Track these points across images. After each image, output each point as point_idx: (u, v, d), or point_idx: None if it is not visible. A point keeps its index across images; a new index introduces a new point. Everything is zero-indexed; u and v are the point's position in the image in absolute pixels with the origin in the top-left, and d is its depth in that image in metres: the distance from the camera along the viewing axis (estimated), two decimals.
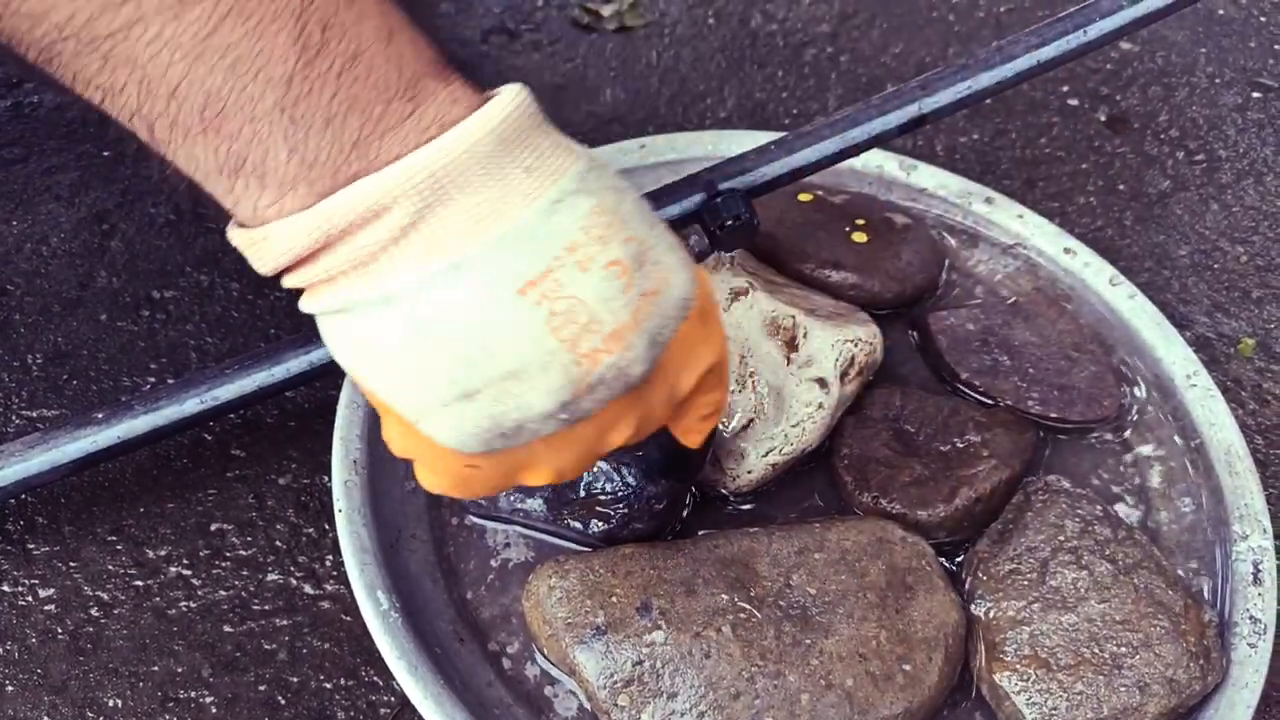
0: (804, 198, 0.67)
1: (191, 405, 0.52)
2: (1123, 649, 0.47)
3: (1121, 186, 0.78)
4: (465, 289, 0.31)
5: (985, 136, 0.80)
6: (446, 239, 0.31)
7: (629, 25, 0.88)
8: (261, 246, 0.32)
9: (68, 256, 0.67)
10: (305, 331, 0.54)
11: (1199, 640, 0.47)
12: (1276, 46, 0.89)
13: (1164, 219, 0.76)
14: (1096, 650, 0.47)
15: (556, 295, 0.32)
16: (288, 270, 0.33)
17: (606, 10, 0.89)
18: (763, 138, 0.67)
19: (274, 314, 0.64)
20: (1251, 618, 0.50)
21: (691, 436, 0.42)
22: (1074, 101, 0.84)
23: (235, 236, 0.33)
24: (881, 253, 0.63)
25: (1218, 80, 0.86)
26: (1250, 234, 0.75)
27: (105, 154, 0.73)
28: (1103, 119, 0.82)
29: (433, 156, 0.30)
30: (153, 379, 0.60)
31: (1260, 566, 0.51)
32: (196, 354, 0.62)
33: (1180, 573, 0.52)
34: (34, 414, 0.58)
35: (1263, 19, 0.90)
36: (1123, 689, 0.46)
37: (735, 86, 0.83)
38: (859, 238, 0.64)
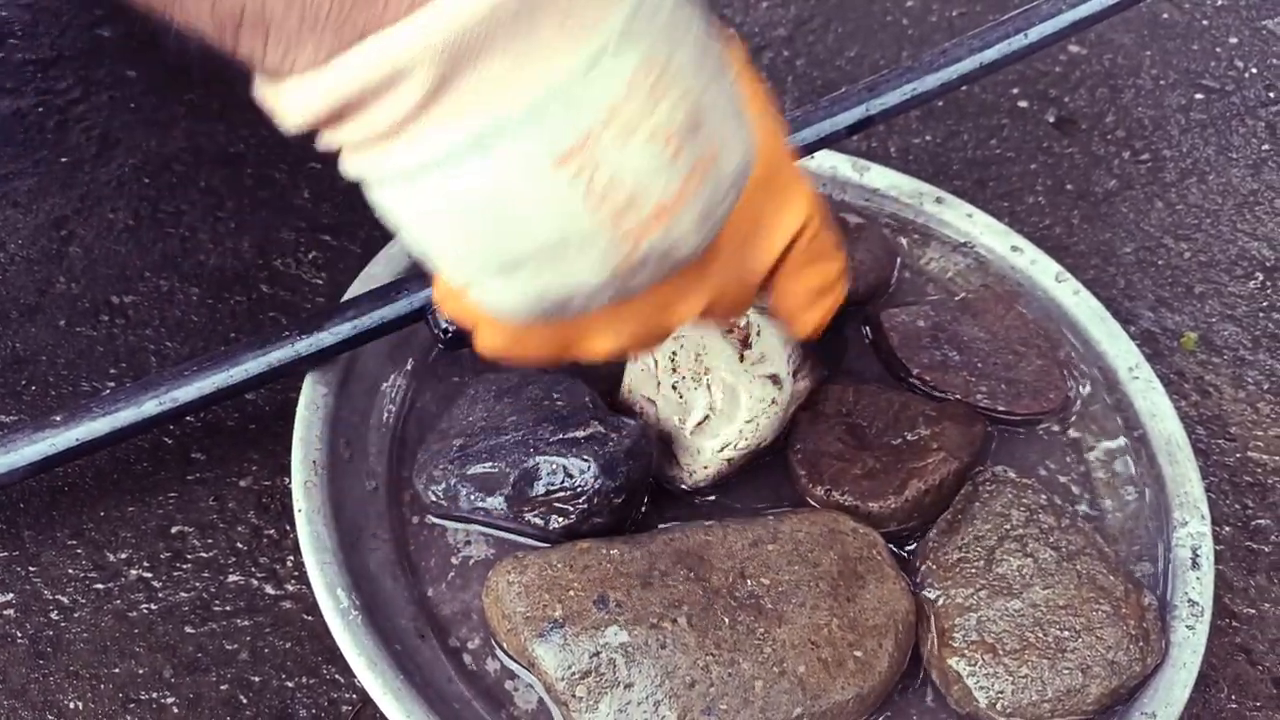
0: None
1: (150, 407, 0.52)
2: (1066, 633, 0.48)
3: (1069, 186, 0.80)
4: (497, 162, 0.28)
5: (938, 138, 0.82)
6: (473, 107, 0.28)
7: None
8: (277, 106, 0.30)
9: (25, 263, 0.66)
10: (264, 333, 0.54)
11: (1139, 623, 0.49)
12: (1219, 49, 0.91)
13: (1110, 217, 0.78)
14: (1041, 635, 0.48)
15: (596, 167, 0.29)
16: (316, 132, 0.30)
17: None
18: None
19: (234, 317, 0.65)
20: (1190, 601, 0.51)
21: (800, 320, 0.39)
22: (1024, 103, 0.86)
23: (258, 91, 0.31)
24: None
25: (1162, 82, 0.88)
26: (1194, 231, 0.77)
27: (63, 160, 0.73)
28: (1051, 120, 0.84)
29: (450, 11, 0.27)
30: (112, 384, 0.61)
31: (1198, 552, 0.53)
32: (156, 358, 0.62)
33: (1122, 559, 0.54)
34: None
35: (1205, 23, 0.93)
36: (1066, 672, 0.47)
37: None
38: None
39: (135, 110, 0.77)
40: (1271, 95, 0.88)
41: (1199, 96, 0.87)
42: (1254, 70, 0.90)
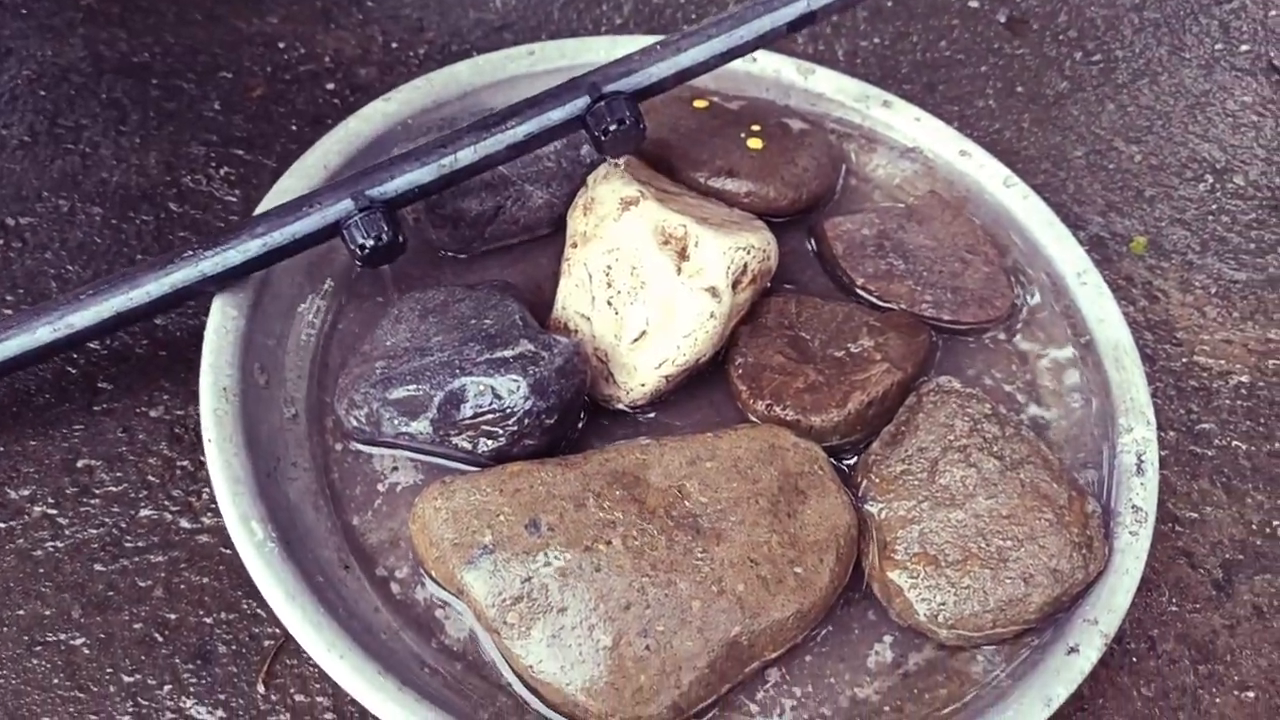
0: (699, 104, 0.65)
1: (44, 334, 0.48)
2: (1008, 543, 0.47)
3: (1020, 89, 0.77)
4: None
5: (886, 40, 0.79)
6: None
7: None
8: None
9: None
10: (167, 253, 0.51)
11: (1082, 531, 0.48)
12: None
13: (1061, 120, 0.76)
14: (983, 545, 0.47)
15: None
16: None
17: None
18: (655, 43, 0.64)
19: (141, 239, 0.61)
20: (1134, 507, 0.51)
21: None
22: (975, 4, 0.82)
23: None
24: (778, 159, 0.62)
25: None
26: (1145, 133, 0.75)
27: None
28: (1002, 21, 0.81)
29: None
30: (9, 311, 0.57)
31: (1143, 457, 0.52)
32: (57, 283, 0.58)
33: (1067, 466, 0.53)
34: None
35: None
36: (1008, 581, 0.47)
37: None
38: (754, 144, 0.62)
39: (27, 17, 0.71)
40: None
41: None
42: None
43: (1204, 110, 0.77)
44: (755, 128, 0.63)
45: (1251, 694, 0.51)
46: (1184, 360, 0.63)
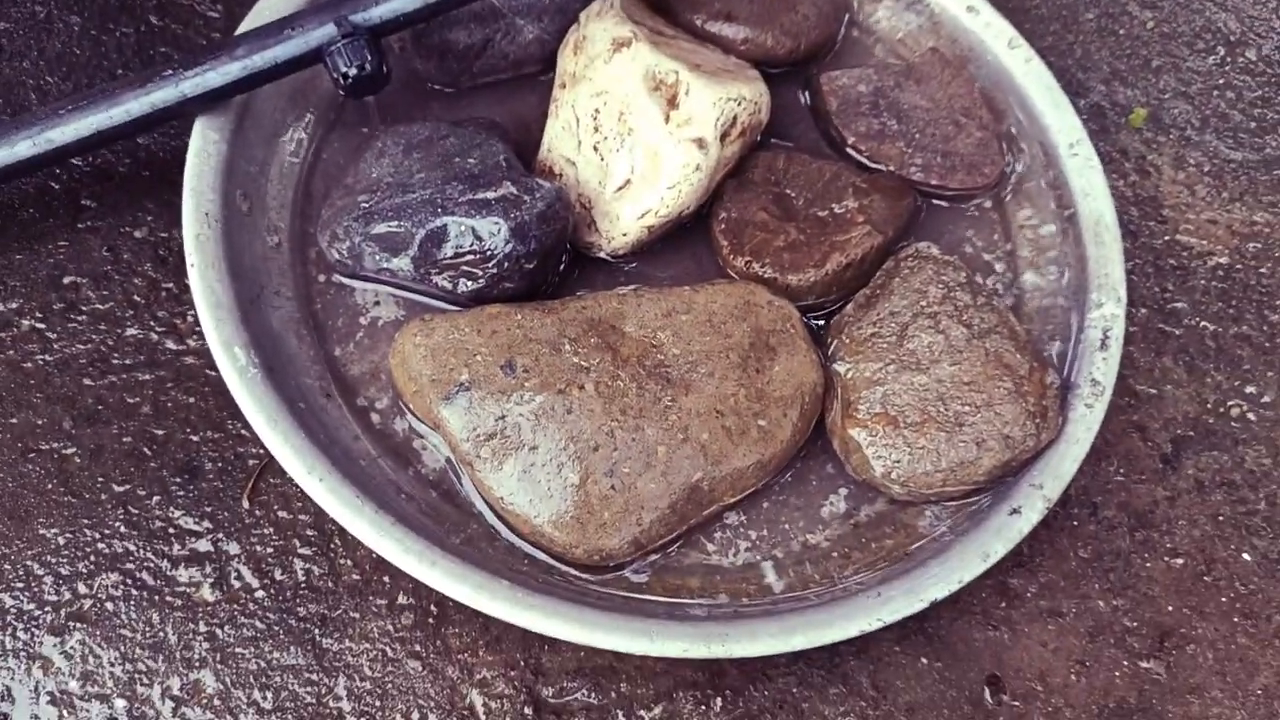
0: None
1: (24, 148, 0.48)
2: (966, 408, 0.49)
3: None
4: None
5: None
6: None
7: None
8: None
9: None
10: (146, 71, 0.50)
11: (1038, 401, 0.50)
12: None
13: None
14: (942, 409, 0.49)
15: None
16: None
17: None
18: None
19: (120, 51, 0.59)
20: (1093, 380, 0.52)
21: None
22: None
23: None
24: (778, 5, 0.60)
25: None
26: None
27: None
28: None
29: None
30: None
31: (1109, 333, 0.53)
32: (36, 94, 0.57)
33: (1035, 337, 0.54)
34: None
35: None
36: (961, 445, 0.49)
37: None
38: None
39: None
40: None
41: None
42: None
43: None
44: None
45: (1180, 561, 0.54)
46: (1166, 238, 0.64)
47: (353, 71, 0.49)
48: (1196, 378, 0.59)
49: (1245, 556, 0.55)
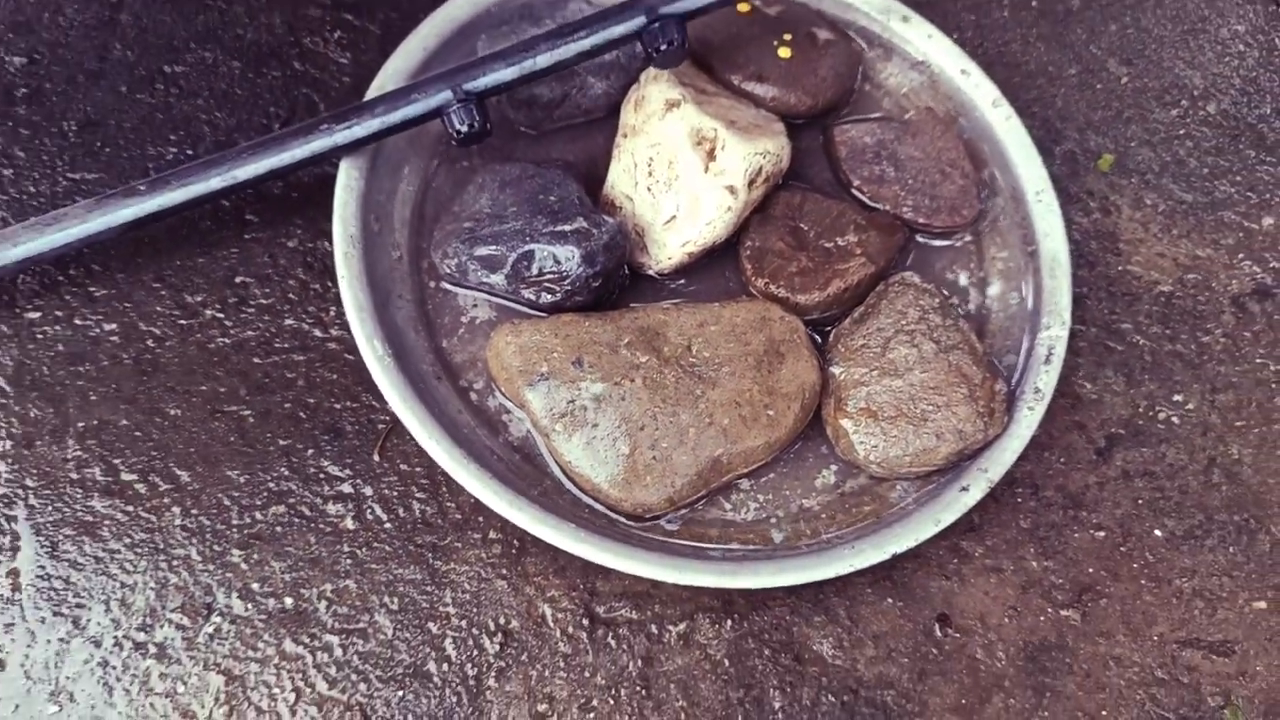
0: (742, 8, 0.75)
1: (216, 182, 0.63)
2: (930, 408, 0.63)
3: (1034, 3, 0.86)
4: None
5: None
6: None
7: None
8: None
9: (83, 28, 0.74)
10: (306, 124, 0.64)
11: (988, 404, 0.63)
12: None
13: (1064, 37, 0.85)
14: (911, 408, 0.63)
15: None
16: None
17: None
18: None
19: (272, 92, 0.74)
20: (1036, 389, 0.66)
21: None
22: None
23: None
24: (802, 69, 0.73)
25: None
26: (1137, 56, 0.85)
27: None
28: None
29: None
30: (174, 149, 0.71)
31: (1053, 351, 0.67)
32: (209, 128, 0.72)
33: (994, 352, 0.68)
34: (76, 176, 0.69)
35: None
36: (925, 435, 0.63)
37: None
38: (784, 53, 0.73)
39: None
40: None
41: None
42: None
43: (1197, 36, 0.86)
44: (787, 36, 0.74)
45: (1102, 534, 0.68)
46: (1120, 268, 0.77)
47: (465, 129, 0.63)
48: (1133, 386, 0.73)
49: (1156, 533, 0.68)
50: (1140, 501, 0.69)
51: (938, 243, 0.72)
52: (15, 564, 0.59)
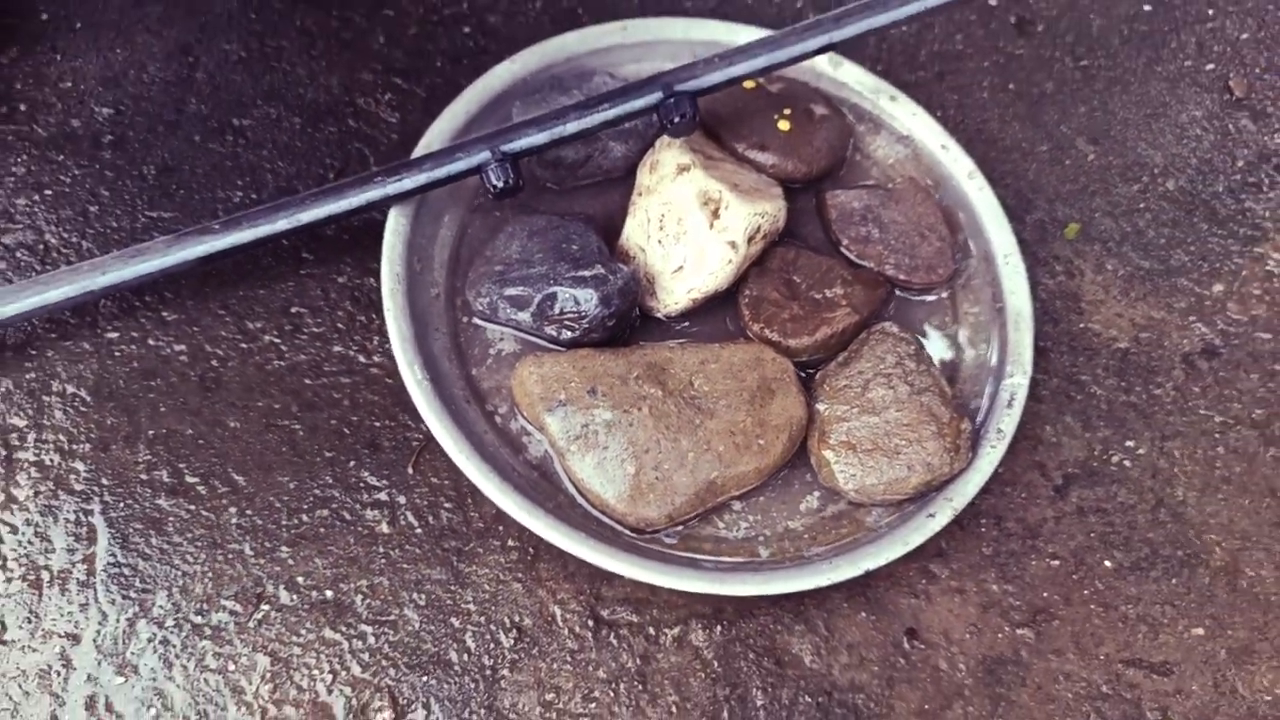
0: (748, 85, 0.85)
1: (282, 224, 0.72)
2: (903, 443, 0.71)
3: (1012, 85, 0.95)
4: None
5: (913, 29, 0.97)
6: None
7: None
8: None
9: (163, 84, 0.84)
10: (360, 176, 0.74)
11: (954, 441, 0.71)
12: None
13: (1038, 117, 0.94)
14: (886, 442, 0.71)
15: None
16: None
17: None
18: (723, 29, 0.84)
19: (327, 145, 0.83)
20: (998, 429, 0.74)
21: None
22: (993, 1, 0.99)
23: None
24: (799, 140, 0.82)
25: None
26: (1104, 136, 0.94)
27: None
28: (1013, 20, 0.98)
29: None
30: (240, 193, 0.80)
31: (1015, 396, 0.75)
32: (271, 175, 0.81)
33: (963, 396, 0.76)
34: (154, 214, 0.79)
35: None
36: (897, 467, 0.71)
37: None
38: (784, 126, 0.83)
39: None
40: (1210, 13, 1.01)
41: (1147, 8, 1.01)
42: None
43: (1159, 120, 0.95)
44: (786, 111, 0.83)
45: (1057, 562, 0.75)
46: (1081, 325, 0.85)
47: (500, 185, 0.73)
48: (1090, 431, 0.81)
49: (1106, 563, 0.76)
50: (1092, 535, 0.76)
51: (916, 297, 0.81)
52: (91, 551, 0.67)
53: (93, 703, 0.63)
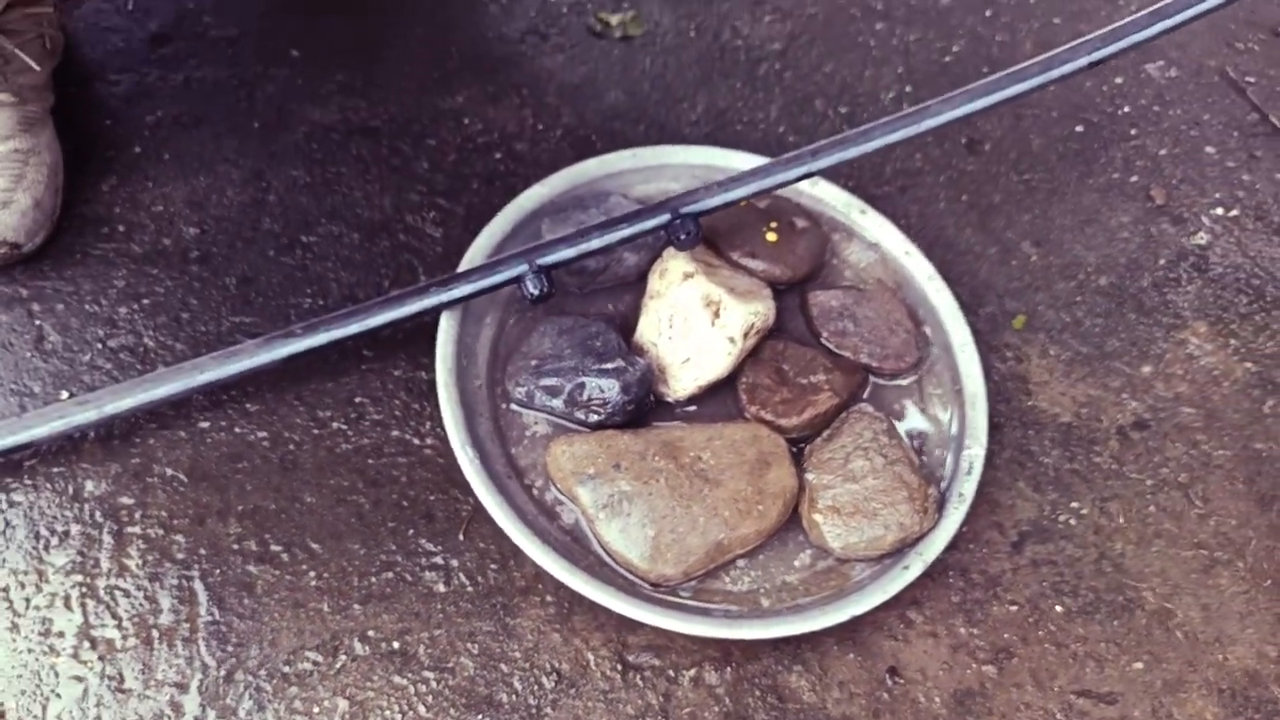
0: (741, 202, 1.00)
1: (354, 328, 0.85)
2: (880, 506, 0.84)
3: (965, 197, 1.11)
4: None
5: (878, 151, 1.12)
6: None
7: (631, 34, 1.17)
8: None
9: (240, 206, 0.98)
10: (417, 287, 0.87)
11: (922, 504, 0.85)
12: (1105, 88, 1.20)
13: (989, 225, 1.09)
14: (866, 506, 0.84)
15: None
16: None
17: (614, 20, 1.18)
18: (716, 154, 0.99)
19: (383, 258, 0.97)
20: (960, 494, 0.87)
21: None
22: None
23: None
24: (784, 248, 0.97)
25: (1055, 114, 1.18)
26: (1045, 240, 1.09)
27: (254, 125, 1.03)
28: (964, 141, 1.15)
29: None
30: (309, 300, 0.94)
31: (973, 465, 0.88)
32: (335, 284, 0.95)
33: (930, 465, 0.89)
34: (236, 320, 0.92)
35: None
36: (876, 527, 0.83)
37: (705, 94, 1.14)
38: (771, 236, 0.97)
39: (301, 85, 1.07)
40: (1133, 132, 1.18)
41: (1079, 129, 1.17)
42: (1126, 109, 1.19)
43: (1092, 225, 1.11)
44: (773, 224, 0.98)
45: (1015, 608, 0.88)
46: (1030, 403, 0.99)
47: (536, 293, 0.86)
48: (1040, 494, 0.94)
49: (1057, 608, 0.88)
50: (1045, 584, 0.89)
51: (888, 382, 0.95)
52: (193, 611, 0.79)
53: None
